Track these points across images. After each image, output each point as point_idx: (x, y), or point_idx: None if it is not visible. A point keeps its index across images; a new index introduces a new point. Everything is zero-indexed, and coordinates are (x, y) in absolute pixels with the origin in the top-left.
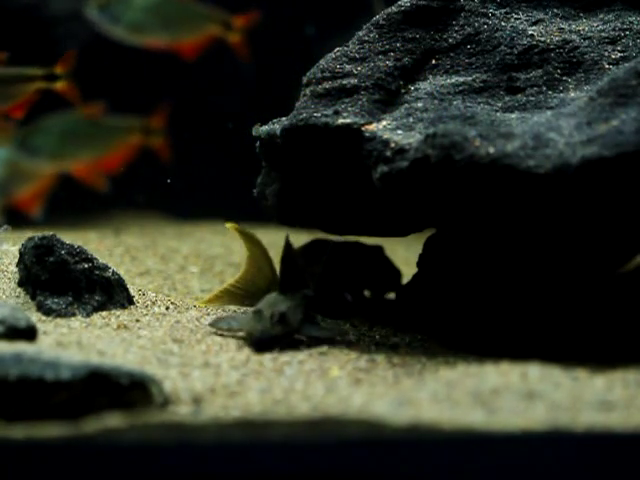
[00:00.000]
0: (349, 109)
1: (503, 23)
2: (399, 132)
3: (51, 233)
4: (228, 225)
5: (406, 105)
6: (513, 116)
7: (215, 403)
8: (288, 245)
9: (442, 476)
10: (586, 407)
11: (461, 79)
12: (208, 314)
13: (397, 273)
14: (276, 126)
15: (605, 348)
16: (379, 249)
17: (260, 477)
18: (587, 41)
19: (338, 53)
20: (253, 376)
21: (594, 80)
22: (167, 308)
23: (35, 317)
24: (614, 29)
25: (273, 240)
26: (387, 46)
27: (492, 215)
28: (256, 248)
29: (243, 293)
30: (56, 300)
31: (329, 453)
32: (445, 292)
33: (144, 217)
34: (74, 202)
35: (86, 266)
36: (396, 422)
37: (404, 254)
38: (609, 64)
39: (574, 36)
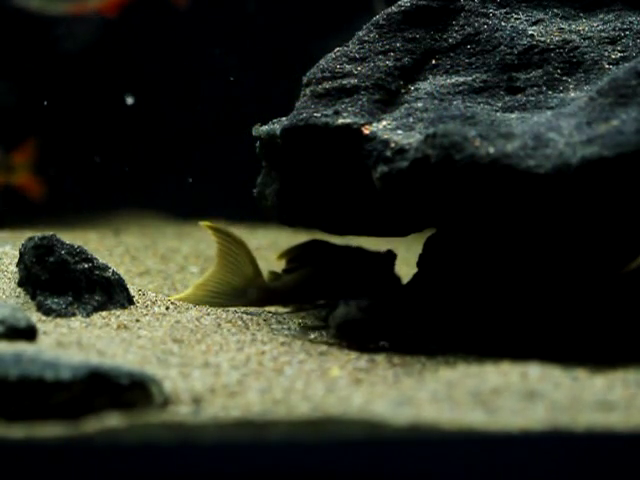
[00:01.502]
0: (349, 109)
1: (503, 23)
2: (399, 132)
3: (51, 233)
4: (202, 224)
5: (406, 105)
6: (513, 116)
7: (215, 403)
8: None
9: (442, 476)
10: (586, 407)
11: (461, 79)
12: (208, 314)
13: (397, 280)
14: (276, 126)
15: (605, 348)
16: (382, 256)
17: (260, 477)
18: (587, 41)
19: (338, 53)
20: (253, 376)
21: (594, 80)
22: (167, 308)
23: (35, 317)
24: (614, 29)
25: (273, 240)
26: (387, 46)
27: (492, 215)
28: (236, 247)
29: (216, 291)
30: (56, 300)
31: (329, 453)
32: (445, 292)
33: (144, 217)
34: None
35: (86, 266)
36: (396, 422)
37: (404, 254)
38: (609, 64)
39: (574, 36)
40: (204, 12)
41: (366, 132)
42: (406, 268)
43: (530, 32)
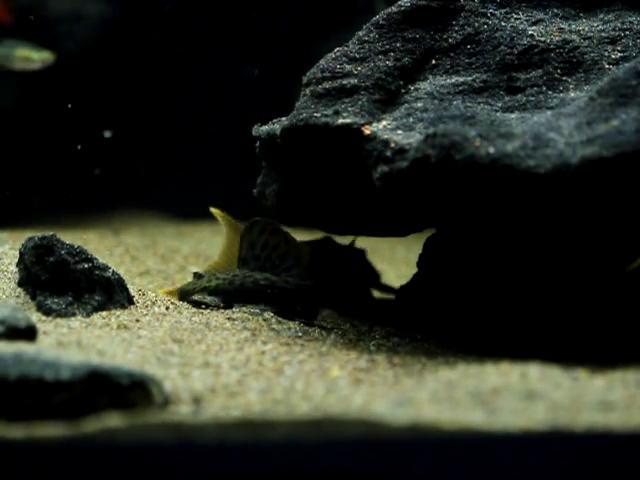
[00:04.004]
0: (349, 109)
1: (503, 23)
2: (399, 132)
3: (51, 233)
4: (213, 210)
5: (406, 105)
6: (513, 116)
7: (215, 403)
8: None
9: (442, 476)
10: (586, 407)
11: (461, 79)
12: (208, 314)
13: (376, 274)
14: (276, 126)
15: (605, 348)
16: (361, 252)
17: (260, 477)
18: (587, 41)
19: (338, 53)
20: (253, 376)
21: (594, 80)
22: (167, 308)
23: (35, 317)
24: (614, 29)
25: None
26: (387, 46)
27: (492, 215)
28: (236, 236)
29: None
30: (56, 300)
31: (329, 453)
32: (445, 292)
33: (144, 217)
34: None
35: (86, 266)
36: (396, 422)
37: (404, 254)
38: (609, 64)
39: (574, 36)
40: (205, 12)
41: (367, 132)
42: (406, 268)
43: (530, 32)
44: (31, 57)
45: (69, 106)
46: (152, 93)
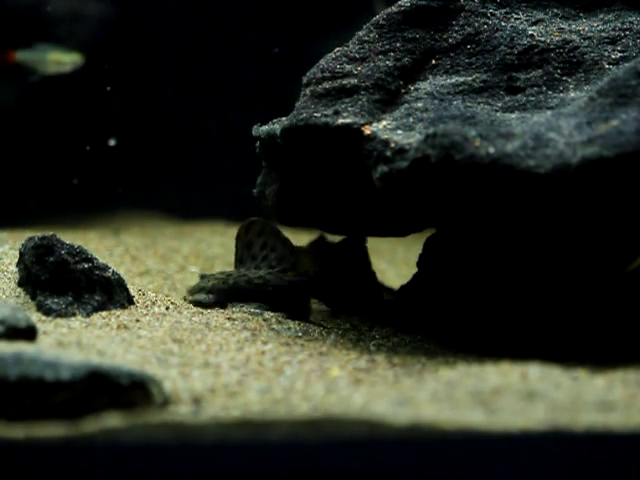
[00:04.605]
0: (349, 109)
1: (503, 23)
2: (399, 132)
3: (51, 233)
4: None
5: (406, 105)
6: (513, 116)
7: (215, 403)
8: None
9: (442, 476)
10: (586, 407)
11: (461, 79)
12: (208, 314)
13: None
14: (276, 126)
15: (605, 348)
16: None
17: (260, 477)
18: (587, 41)
19: (338, 53)
20: (253, 376)
21: (594, 80)
22: (167, 308)
23: (35, 317)
24: (614, 29)
25: None
26: (387, 46)
27: (492, 215)
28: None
29: None
30: (56, 300)
31: (329, 453)
32: (445, 292)
33: (144, 217)
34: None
35: (86, 266)
36: (396, 422)
37: (404, 254)
38: (609, 64)
39: (574, 36)
40: (204, 11)
41: (367, 132)
42: (406, 268)
43: (530, 32)
44: (62, 60)
45: (108, 89)
46: (152, 93)
